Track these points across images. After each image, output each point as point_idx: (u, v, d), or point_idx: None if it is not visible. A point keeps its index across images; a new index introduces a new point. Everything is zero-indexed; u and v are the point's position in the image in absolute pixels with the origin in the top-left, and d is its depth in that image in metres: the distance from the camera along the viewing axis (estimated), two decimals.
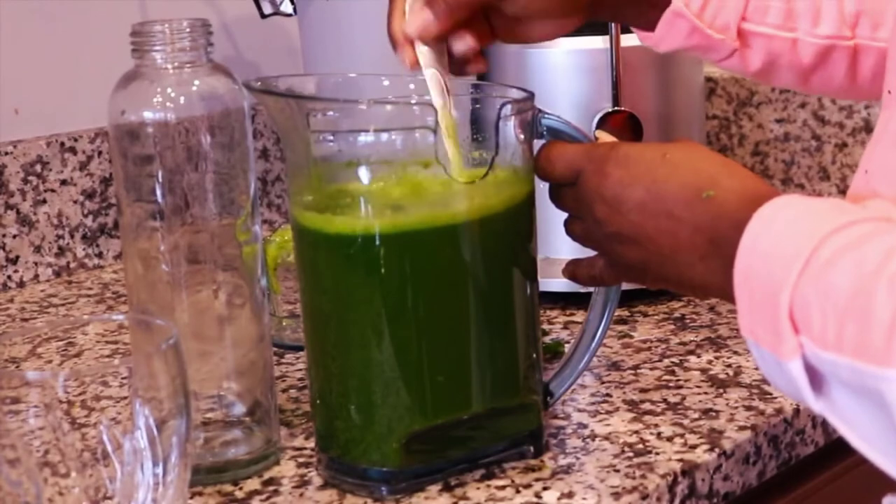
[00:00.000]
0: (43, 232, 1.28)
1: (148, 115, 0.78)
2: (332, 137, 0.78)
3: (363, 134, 0.77)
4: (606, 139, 0.82)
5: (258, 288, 0.82)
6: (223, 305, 0.81)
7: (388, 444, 0.77)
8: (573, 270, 0.82)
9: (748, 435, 0.85)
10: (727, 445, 0.84)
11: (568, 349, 0.86)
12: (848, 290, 0.61)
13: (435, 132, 0.75)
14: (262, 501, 0.79)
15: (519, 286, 0.80)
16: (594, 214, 0.76)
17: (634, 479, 0.79)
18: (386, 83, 0.84)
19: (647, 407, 0.90)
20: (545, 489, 0.78)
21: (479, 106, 0.81)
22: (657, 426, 0.87)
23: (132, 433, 0.64)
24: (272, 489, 0.80)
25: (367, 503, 0.78)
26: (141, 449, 0.64)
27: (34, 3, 1.28)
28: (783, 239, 0.64)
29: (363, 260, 0.76)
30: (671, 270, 0.73)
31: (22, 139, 1.27)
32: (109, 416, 0.64)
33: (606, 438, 0.85)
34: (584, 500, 0.77)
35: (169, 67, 0.79)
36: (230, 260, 0.81)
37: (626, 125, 1.11)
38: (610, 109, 1.12)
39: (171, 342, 0.66)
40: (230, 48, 1.43)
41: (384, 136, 0.77)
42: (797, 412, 0.89)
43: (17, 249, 1.26)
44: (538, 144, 0.80)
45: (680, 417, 0.88)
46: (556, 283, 1.08)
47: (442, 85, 0.79)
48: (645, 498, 0.77)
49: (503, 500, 0.77)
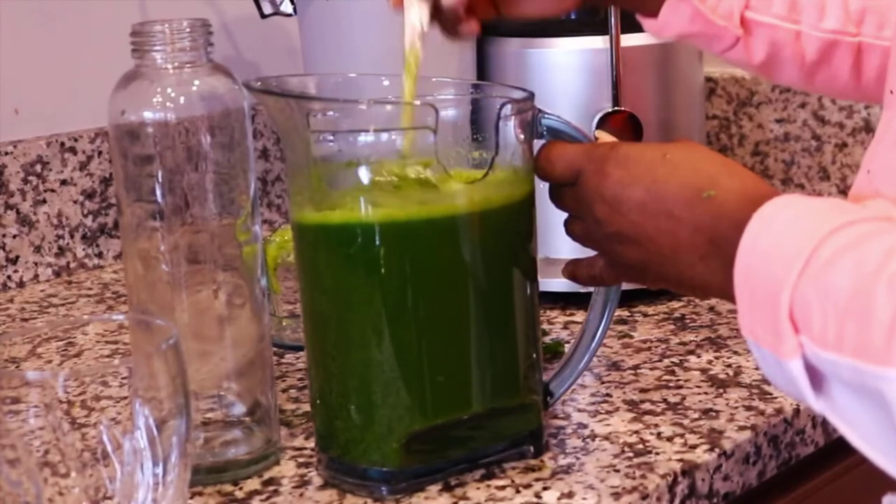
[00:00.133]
0: (43, 232, 1.28)
1: (148, 115, 0.78)
2: (332, 137, 0.78)
3: (363, 134, 0.77)
4: (606, 139, 0.82)
5: (258, 288, 0.82)
6: (223, 305, 0.81)
7: (388, 444, 0.77)
8: (573, 270, 0.82)
9: (748, 435, 0.85)
10: (727, 445, 0.84)
11: (568, 349, 0.86)
12: (848, 289, 0.61)
13: (435, 132, 0.75)
14: (262, 501, 0.79)
15: (519, 286, 0.80)
16: (594, 214, 0.76)
17: (634, 479, 0.79)
18: (386, 83, 0.84)
19: (647, 407, 0.90)
20: (545, 489, 0.78)
21: (479, 106, 0.82)
22: (657, 426, 0.87)
23: (132, 433, 0.64)
24: (272, 489, 0.80)
25: (367, 503, 0.78)
26: (141, 449, 0.64)
27: (34, 3, 1.28)
28: (783, 239, 0.64)
29: (363, 260, 0.76)
30: (671, 270, 0.73)
31: (22, 139, 1.27)
32: (109, 416, 0.64)
33: (606, 438, 0.85)
34: (584, 500, 0.77)
35: (169, 67, 0.79)
36: (230, 260, 0.81)
37: (626, 125, 1.11)
38: (610, 109, 1.11)
39: (171, 342, 0.66)
40: (230, 48, 1.43)
41: (384, 136, 0.77)
42: (797, 412, 0.89)
43: (17, 249, 1.26)
44: (538, 144, 0.80)
45: (680, 417, 0.88)
46: (556, 283, 1.08)
47: (419, 23, 0.80)
48: (645, 498, 0.77)
49: (503, 500, 0.77)
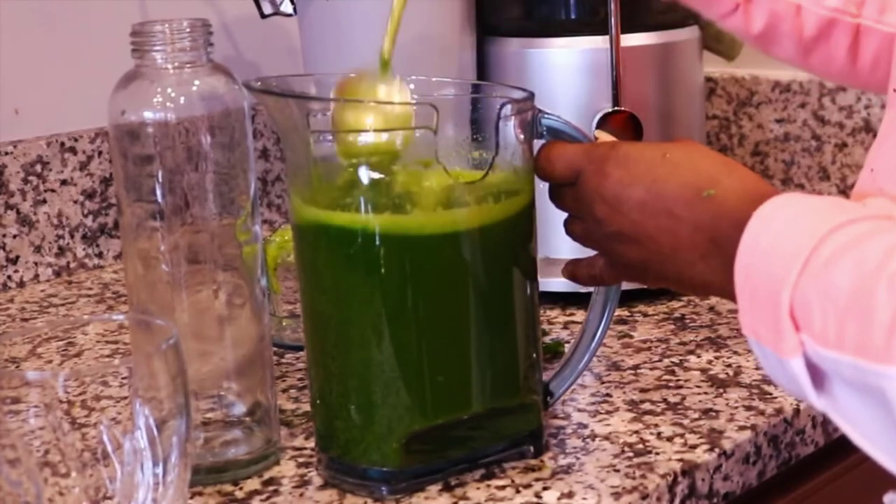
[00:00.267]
0: (43, 232, 1.28)
1: (148, 115, 0.78)
2: (332, 137, 0.78)
3: (363, 134, 0.77)
4: (606, 139, 0.82)
5: (258, 288, 0.82)
6: (223, 305, 0.81)
7: (388, 444, 0.77)
8: (573, 270, 0.82)
9: (748, 435, 0.85)
10: (727, 445, 0.84)
11: (568, 349, 0.86)
12: (848, 288, 0.61)
13: (435, 132, 0.75)
14: (262, 501, 0.79)
15: (519, 286, 0.80)
16: (594, 214, 0.76)
17: (634, 479, 0.79)
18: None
19: (647, 407, 0.90)
20: (545, 489, 0.78)
21: (479, 106, 0.82)
22: (657, 426, 0.87)
23: (132, 433, 0.64)
24: (272, 489, 0.80)
25: (367, 503, 0.78)
26: (141, 449, 0.64)
27: (34, 3, 1.28)
28: (783, 237, 0.64)
29: (363, 260, 0.76)
30: (671, 269, 0.73)
31: (22, 139, 1.27)
32: (109, 416, 0.64)
33: (606, 438, 0.85)
34: (584, 500, 0.77)
35: (169, 67, 0.79)
36: (230, 260, 0.81)
37: (626, 125, 1.11)
38: (610, 109, 1.11)
39: (171, 342, 0.66)
40: (230, 48, 1.43)
41: (384, 136, 0.77)
42: (797, 412, 0.89)
43: (17, 249, 1.26)
44: (538, 144, 0.80)
45: (680, 417, 0.88)
46: (556, 283, 1.08)
47: None
48: (645, 498, 0.77)
49: (503, 500, 0.77)
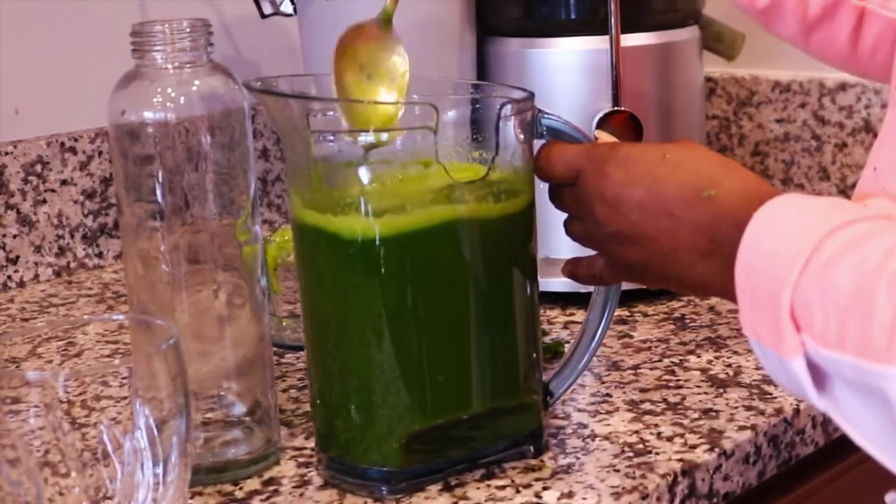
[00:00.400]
0: (43, 232, 1.28)
1: (148, 115, 0.78)
2: (332, 137, 0.78)
3: (363, 134, 0.77)
4: (606, 139, 0.82)
5: (258, 288, 0.82)
6: (223, 305, 0.81)
7: (388, 444, 0.77)
8: (573, 269, 0.82)
9: (748, 435, 0.85)
10: (727, 445, 0.84)
11: (568, 349, 0.86)
12: (849, 289, 0.61)
13: (435, 132, 0.75)
14: (262, 501, 0.79)
15: (519, 286, 0.80)
16: (594, 214, 0.76)
17: (634, 479, 0.79)
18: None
19: (647, 407, 0.90)
20: (545, 489, 0.78)
21: (479, 106, 0.82)
22: (657, 426, 0.87)
23: (132, 433, 0.64)
24: (272, 489, 0.80)
25: (367, 503, 0.78)
26: (141, 449, 0.64)
27: (34, 3, 1.28)
28: (784, 238, 0.64)
29: (363, 260, 0.76)
30: (672, 270, 0.73)
31: (22, 139, 1.27)
32: (109, 416, 0.64)
33: (606, 438, 0.85)
34: (584, 500, 0.77)
35: (169, 67, 0.79)
36: (230, 260, 0.81)
37: (626, 125, 1.11)
38: (610, 109, 1.11)
39: (171, 342, 0.66)
40: (230, 48, 1.43)
41: (384, 136, 0.77)
42: (797, 412, 0.89)
43: (17, 249, 1.26)
44: (538, 144, 0.80)
45: (680, 417, 0.88)
46: (556, 283, 1.08)
47: None
48: (645, 498, 0.77)
49: (503, 500, 0.77)
